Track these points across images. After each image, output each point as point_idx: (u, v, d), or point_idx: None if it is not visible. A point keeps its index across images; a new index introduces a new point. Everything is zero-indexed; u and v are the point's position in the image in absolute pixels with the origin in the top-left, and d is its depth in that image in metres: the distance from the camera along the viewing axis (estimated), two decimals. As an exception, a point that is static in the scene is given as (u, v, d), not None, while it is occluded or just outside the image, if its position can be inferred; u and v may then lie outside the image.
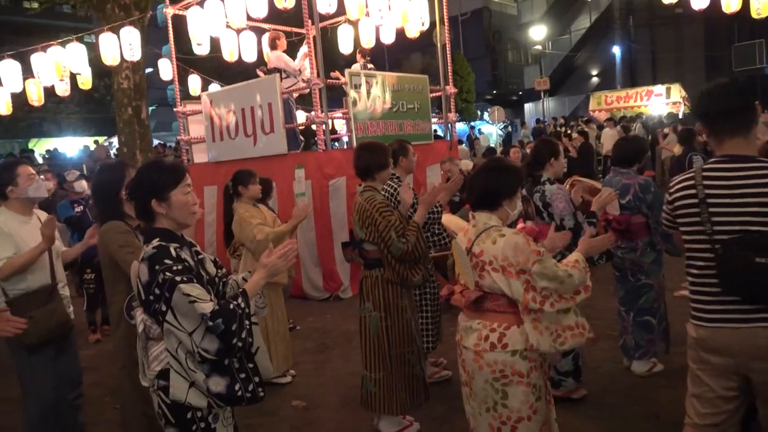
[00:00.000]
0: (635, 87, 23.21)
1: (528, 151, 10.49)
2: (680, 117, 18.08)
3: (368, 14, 7.50)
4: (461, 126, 22.91)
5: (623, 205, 3.85)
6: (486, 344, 2.30)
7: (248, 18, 7.15)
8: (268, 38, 7.85)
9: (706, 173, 2.09)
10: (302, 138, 7.68)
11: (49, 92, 9.17)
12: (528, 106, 29.70)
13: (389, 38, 8.56)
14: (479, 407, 2.36)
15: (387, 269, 3.28)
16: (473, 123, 25.31)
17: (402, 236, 3.15)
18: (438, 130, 10.81)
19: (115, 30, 7.84)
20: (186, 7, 7.60)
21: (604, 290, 4.37)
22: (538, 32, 26.66)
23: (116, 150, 14.15)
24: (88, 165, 13.59)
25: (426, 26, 8.45)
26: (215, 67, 13.19)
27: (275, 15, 7.49)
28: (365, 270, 3.42)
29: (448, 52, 8.64)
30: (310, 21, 6.81)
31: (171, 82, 9.09)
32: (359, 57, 8.32)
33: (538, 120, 22.64)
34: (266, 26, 8.76)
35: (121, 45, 7.83)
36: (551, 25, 29.61)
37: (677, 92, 21.07)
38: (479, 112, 26.84)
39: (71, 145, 22.45)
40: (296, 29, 8.85)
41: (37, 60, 8.37)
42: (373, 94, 7.31)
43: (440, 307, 4.16)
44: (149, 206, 2.12)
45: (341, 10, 7.00)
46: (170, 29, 8.28)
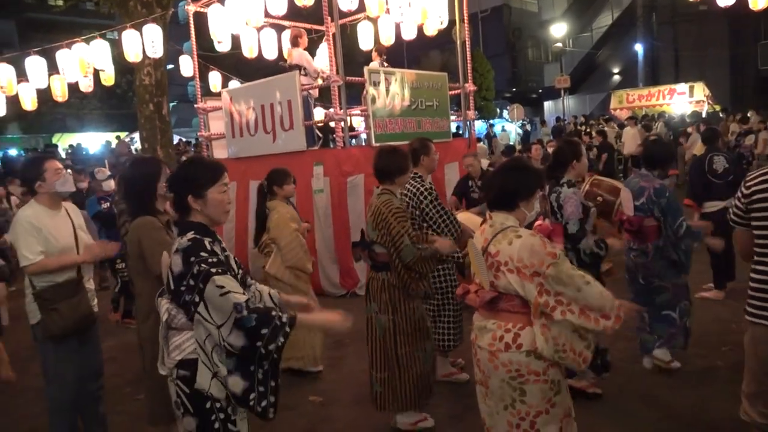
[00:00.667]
0: (657, 85, 22.93)
1: (549, 150, 10.44)
2: (703, 116, 17.80)
3: (388, 11, 7.49)
4: (480, 124, 22.80)
5: (636, 207, 3.83)
6: (500, 344, 2.29)
7: (268, 15, 7.19)
8: (290, 35, 7.88)
9: None
10: (320, 135, 7.71)
11: (73, 88, 9.31)
12: (548, 104, 29.48)
13: (409, 35, 8.54)
14: (496, 405, 2.35)
15: (393, 274, 3.29)
16: (492, 121, 25.17)
17: (416, 243, 3.16)
18: (456, 128, 10.76)
19: (138, 27, 7.93)
20: (207, 5, 7.66)
21: (623, 289, 4.33)
22: (559, 29, 26.42)
23: (138, 145, 14.35)
24: (110, 160, 13.79)
25: (445, 24, 8.41)
26: (235, 64, 13.29)
27: (295, 12, 7.51)
28: (372, 272, 3.44)
29: (468, 50, 8.60)
30: (330, 18, 6.82)
31: (192, 79, 9.17)
32: (375, 55, 8.29)
33: (558, 118, 22.44)
34: (286, 23, 8.80)
35: (144, 42, 7.92)
36: (572, 23, 29.34)
37: (701, 91, 20.76)
38: (498, 110, 26.69)
39: (93, 141, 22.81)
40: (316, 26, 8.89)
41: (62, 56, 8.52)
42: (392, 92, 7.30)
43: (461, 306, 4.14)
44: (185, 201, 2.18)
45: (361, 7, 7.01)
46: (191, 26, 8.35)
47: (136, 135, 14.89)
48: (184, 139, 20.59)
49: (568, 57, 29.25)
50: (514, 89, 31.16)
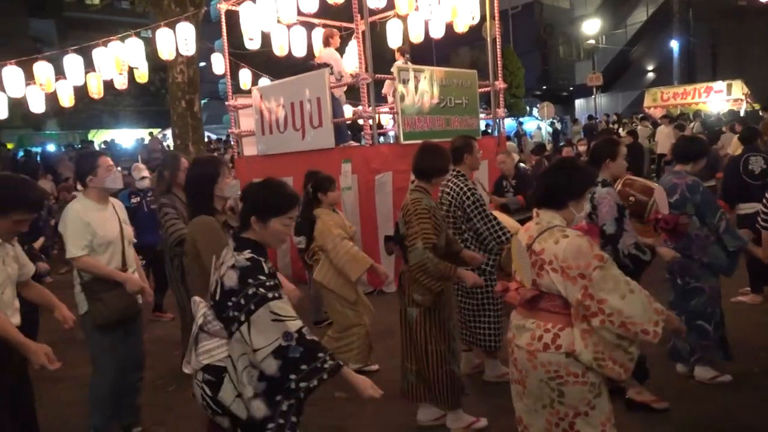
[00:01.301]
0: (694, 83, 22.35)
1: (580, 148, 10.28)
2: (741, 115, 17.29)
3: (417, 9, 7.47)
4: (509, 122, 22.58)
5: (670, 204, 3.75)
6: (539, 344, 2.25)
7: (299, 13, 7.23)
8: (323, 35, 7.93)
9: None
10: (349, 132, 7.73)
11: (108, 85, 9.54)
12: (579, 102, 29.04)
13: (438, 33, 8.50)
14: (534, 404, 2.32)
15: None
16: (522, 119, 24.91)
17: (429, 249, 3.10)
18: (485, 126, 10.68)
19: (171, 25, 8.07)
20: (239, 3, 7.75)
21: (655, 292, 4.24)
22: (592, 26, 26.00)
23: (170, 142, 14.61)
24: (143, 156, 14.07)
25: (476, 20, 8.35)
26: (265, 62, 13.41)
27: (325, 10, 7.55)
28: (405, 265, 3.43)
29: (498, 47, 8.52)
30: (360, 15, 6.83)
31: (222, 76, 9.29)
32: (398, 55, 8.19)
33: (590, 116, 22.10)
34: (316, 21, 8.84)
35: (177, 40, 8.06)
36: (606, 19, 28.85)
37: (739, 89, 20.17)
38: (528, 108, 26.40)
39: (127, 137, 23.29)
40: (345, 24, 8.91)
41: (98, 54, 8.73)
42: (421, 89, 7.28)
43: (503, 305, 4.06)
44: (249, 219, 2.19)
45: (390, 5, 7.00)
46: (223, 24, 8.45)
47: (169, 131, 15.16)
48: (214, 136, 20.87)
49: (601, 54, 28.77)
50: (545, 87, 30.78)
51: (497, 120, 8.76)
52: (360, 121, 7.14)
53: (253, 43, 8.01)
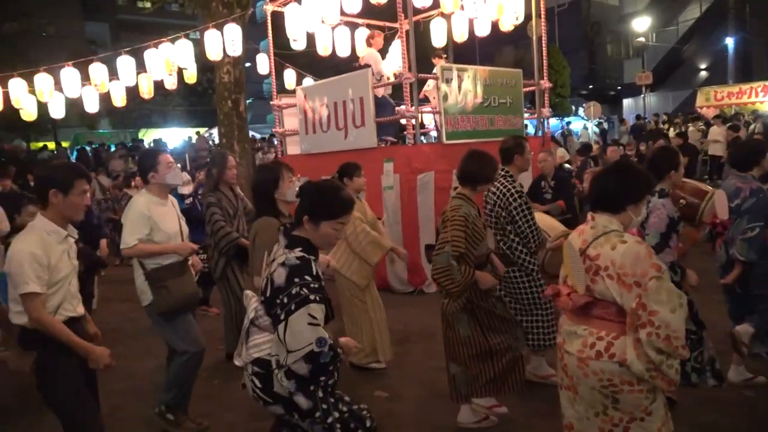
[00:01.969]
0: (749, 82, 21.43)
1: (629, 153, 10.01)
2: (801, 115, 16.51)
3: (462, 7, 7.41)
4: (554, 122, 22.18)
5: (731, 209, 3.62)
6: (591, 352, 2.19)
7: (343, 13, 7.28)
8: (367, 36, 7.96)
9: None
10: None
11: (158, 86, 9.83)
12: (627, 102, 28.30)
13: (483, 31, 8.42)
14: (586, 411, 2.27)
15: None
16: (567, 119, 24.43)
17: (455, 257, 3.07)
18: (529, 126, 10.52)
19: (219, 27, 8.25)
20: (284, 4, 7.86)
21: (707, 300, 4.09)
22: (642, 23, 25.27)
23: (216, 141, 14.93)
24: (190, 154, 14.46)
25: (521, 20, 8.23)
26: (309, 62, 13.56)
27: (369, 9, 7.58)
28: None
29: (544, 45, 8.38)
30: (404, 15, 6.83)
31: (267, 76, 9.43)
32: (436, 60, 7.96)
33: (639, 116, 21.50)
34: (359, 21, 8.87)
35: (224, 41, 8.23)
36: (656, 16, 27.99)
37: (798, 87, 19.26)
38: (573, 108, 25.87)
39: (175, 136, 23.95)
40: (389, 23, 8.92)
41: (150, 56, 9.01)
42: (465, 88, 7.23)
43: (552, 304, 3.97)
44: (301, 217, 2.23)
45: (435, 4, 6.97)
46: (269, 25, 8.59)
47: (215, 131, 15.50)
48: (258, 135, 21.24)
49: (651, 52, 27.95)
50: (591, 86, 30.08)
51: (542, 120, 8.62)
52: (402, 121, 7.13)
53: (298, 44, 8.11)
